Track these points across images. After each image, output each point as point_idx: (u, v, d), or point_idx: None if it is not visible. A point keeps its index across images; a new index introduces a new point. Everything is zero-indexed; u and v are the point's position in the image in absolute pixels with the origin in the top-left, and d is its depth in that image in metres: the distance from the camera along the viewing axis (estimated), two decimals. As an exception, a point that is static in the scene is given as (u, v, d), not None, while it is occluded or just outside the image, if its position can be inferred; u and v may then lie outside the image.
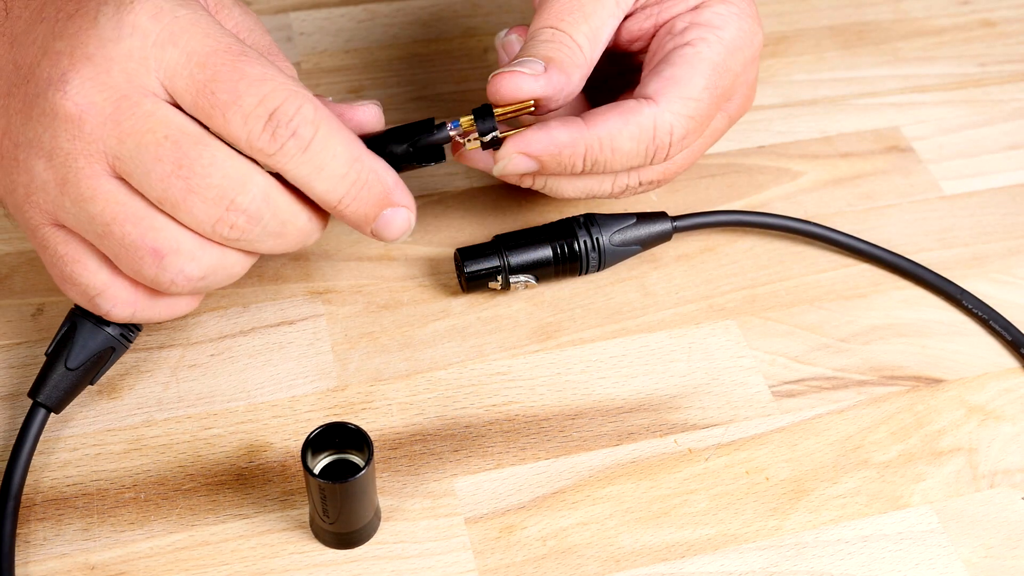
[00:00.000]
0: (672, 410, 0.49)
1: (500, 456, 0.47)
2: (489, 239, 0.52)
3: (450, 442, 0.47)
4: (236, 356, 0.50)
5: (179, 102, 0.39)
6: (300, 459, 0.42)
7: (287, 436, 0.47)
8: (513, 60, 0.46)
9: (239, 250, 0.42)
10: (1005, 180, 0.59)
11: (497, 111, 0.45)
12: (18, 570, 0.43)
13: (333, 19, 0.65)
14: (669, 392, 0.49)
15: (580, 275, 0.53)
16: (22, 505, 0.44)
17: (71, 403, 0.46)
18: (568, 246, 0.51)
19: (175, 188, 0.39)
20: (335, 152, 0.40)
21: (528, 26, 0.48)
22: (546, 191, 0.49)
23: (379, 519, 0.45)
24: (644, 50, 0.50)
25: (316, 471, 0.43)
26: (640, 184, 0.49)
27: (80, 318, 0.44)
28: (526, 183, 0.48)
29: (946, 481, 0.47)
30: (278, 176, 0.41)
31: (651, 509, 0.46)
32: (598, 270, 0.53)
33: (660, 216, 0.53)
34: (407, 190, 0.43)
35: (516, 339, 0.51)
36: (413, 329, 0.51)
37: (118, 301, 0.42)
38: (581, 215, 0.52)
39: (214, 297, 0.51)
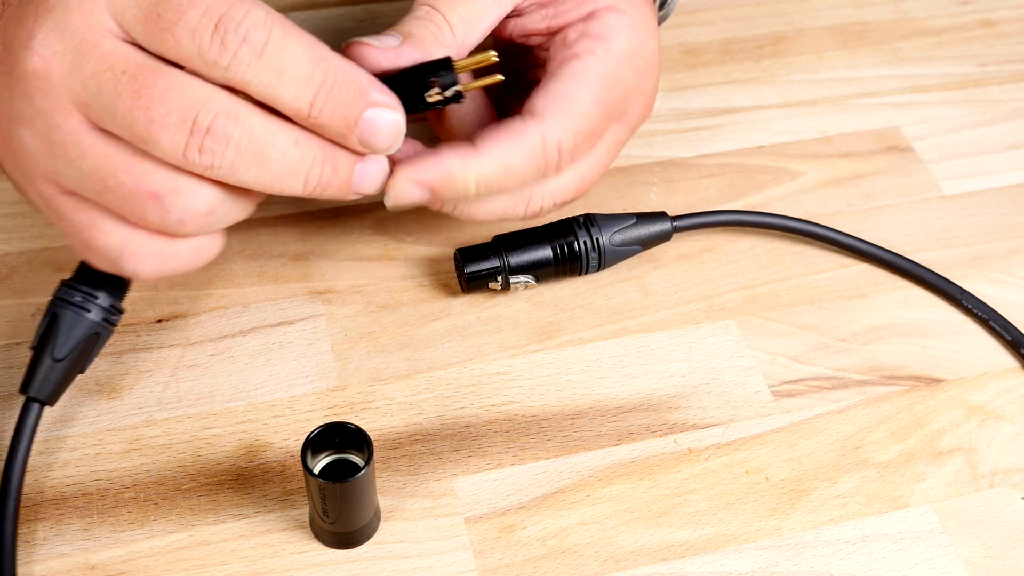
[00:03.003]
0: (672, 410, 0.49)
1: (500, 456, 0.47)
2: (489, 239, 0.52)
3: (450, 442, 0.47)
4: (236, 356, 0.50)
5: (134, 37, 0.39)
6: (300, 459, 0.42)
7: (287, 436, 0.47)
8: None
9: (227, 184, 0.40)
10: (1005, 180, 0.59)
11: (458, 64, 0.44)
12: (18, 569, 0.43)
13: (333, 19, 0.65)
14: (669, 392, 0.49)
15: (580, 275, 0.53)
16: (22, 505, 0.44)
17: (66, 398, 0.45)
18: (568, 246, 0.51)
19: (139, 121, 0.38)
20: (294, 53, 0.39)
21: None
22: (456, 215, 0.47)
23: (379, 519, 0.45)
24: (543, 47, 0.50)
25: (316, 471, 0.43)
26: (554, 204, 0.48)
27: (61, 308, 0.43)
28: (435, 206, 0.46)
29: (946, 481, 0.47)
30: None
31: (651, 509, 0.46)
32: (598, 270, 0.53)
33: (660, 216, 0.53)
34: (388, 90, 0.41)
35: (516, 339, 0.51)
36: (413, 329, 0.51)
37: (141, 257, 0.41)
38: (581, 215, 0.52)
39: (214, 297, 0.52)
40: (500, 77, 0.45)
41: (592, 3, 0.48)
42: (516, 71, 0.51)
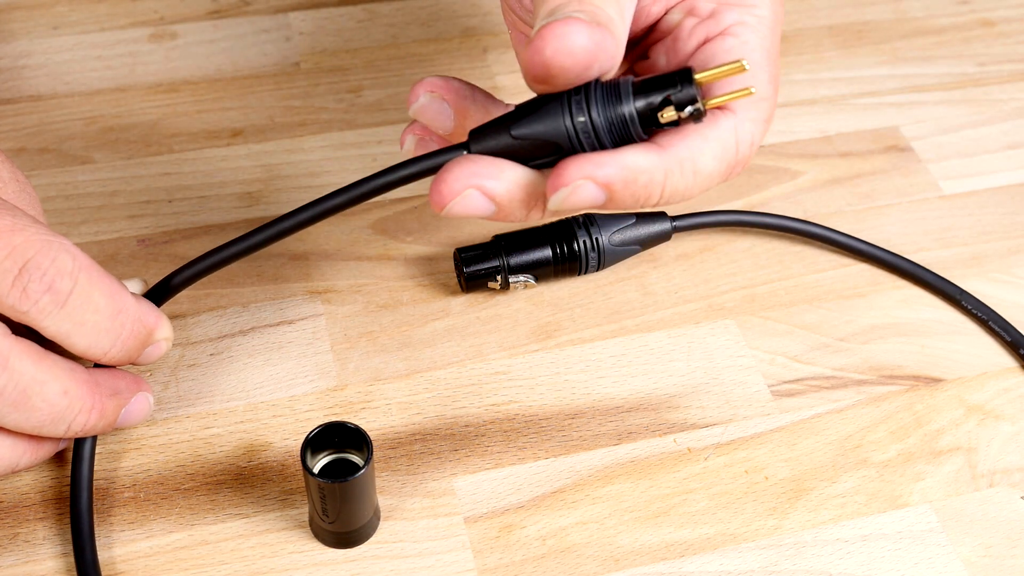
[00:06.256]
0: (671, 409, 0.49)
1: (499, 455, 0.47)
2: (489, 239, 0.52)
3: (449, 441, 0.47)
4: (235, 356, 0.50)
5: None
6: (299, 459, 0.42)
7: (286, 435, 0.47)
8: (543, 17, 0.36)
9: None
10: (1004, 180, 0.59)
11: (699, 76, 0.36)
12: (16, 569, 0.43)
13: (333, 19, 0.65)
14: (668, 391, 0.49)
15: (579, 275, 0.53)
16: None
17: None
18: (567, 246, 0.51)
19: None
20: (97, 305, 0.38)
21: (445, 77, 0.41)
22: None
23: (378, 519, 0.45)
24: (647, 38, 0.42)
25: (315, 471, 0.43)
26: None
27: (553, 99, 0.37)
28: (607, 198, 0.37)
29: (945, 480, 0.47)
30: (30, 332, 0.38)
31: (650, 508, 0.46)
32: (597, 270, 0.53)
33: (659, 216, 0.53)
34: (166, 320, 0.42)
35: (515, 339, 0.51)
36: (412, 329, 0.51)
37: None
38: (580, 215, 0.52)
39: (213, 297, 0.52)
40: (752, 91, 0.37)
41: None
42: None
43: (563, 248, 0.51)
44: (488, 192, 0.37)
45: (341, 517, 0.43)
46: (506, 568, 0.44)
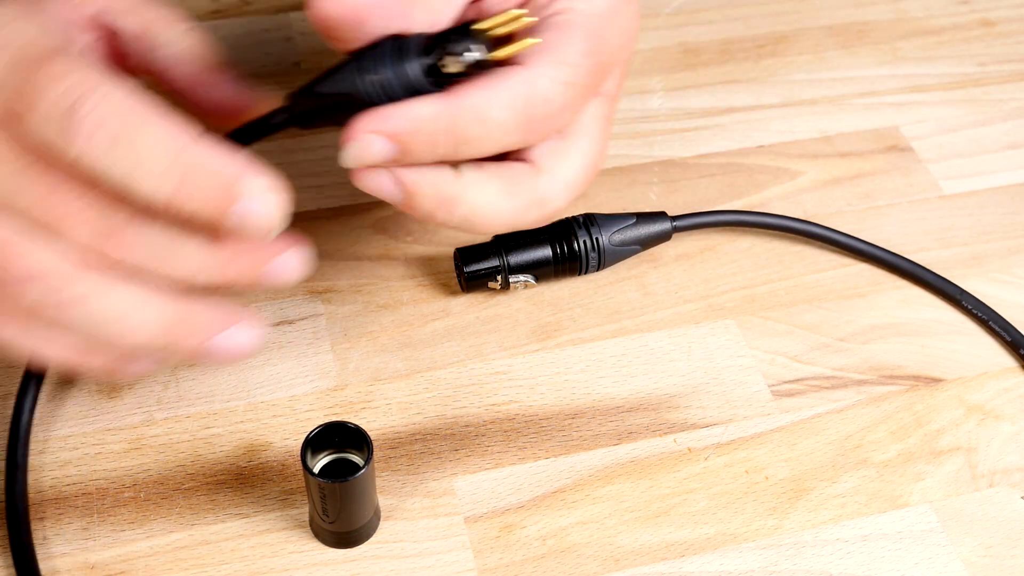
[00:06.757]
0: (671, 409, 0.49)
1: (499, 455, 0.47)
2: (489, 239, 0.52)
3: (450, 441, 0.47)
4: (236, 356, 0.50)
5: None
6: (300, 458, 0.42)
7: (287, 435, 0.47)
8: None
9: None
10: (1004, 180, 0.59)
11: (478, 26, 0.38)
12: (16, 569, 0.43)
13: (333, 19, 0.65)
14: (668, 391, 0.49)
15: (580, 275, 0.53)
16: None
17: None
18: (568, 246, 0.51)
19: None
20: (153, 142, 0.35)
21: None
22: (457, 223, 0.41)
23: (379, 518, 0.45)
24: None
25: (316, 470, 0.43)
26: (567, 193, 0.43)
27: (352, 57, 0.38)
28: (404, 197, 0.40)
29: (945, 480, 0.47)
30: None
31: (650, 508, 0.46)
32: (597, 270, 0.53)
33: (660, 216, 0.53)
34: (257, 170, 0.36)
35: (516, 339, 0.51)
36: (413, 328, 0.51)
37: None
38: (580, 215, 0.52)
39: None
40: (538, 40, 0.39)
41: None
42: None
43: (563, 248, 0.51)
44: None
45: (341, 517, 0.43)
46: (506, 568, 0.44)
